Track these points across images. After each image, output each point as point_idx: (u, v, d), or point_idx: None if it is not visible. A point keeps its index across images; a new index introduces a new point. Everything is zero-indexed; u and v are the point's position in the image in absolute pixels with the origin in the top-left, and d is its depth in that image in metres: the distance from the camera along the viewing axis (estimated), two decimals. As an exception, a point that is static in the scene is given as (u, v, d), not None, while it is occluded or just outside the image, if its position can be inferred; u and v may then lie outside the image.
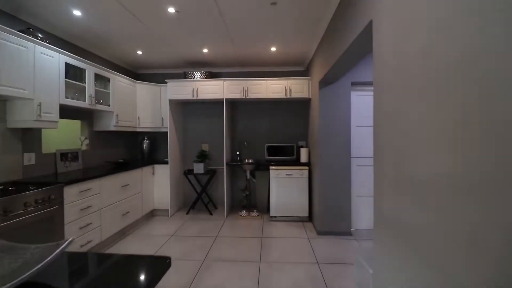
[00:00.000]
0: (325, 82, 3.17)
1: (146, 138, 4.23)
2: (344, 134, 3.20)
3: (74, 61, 2.80)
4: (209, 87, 3.91)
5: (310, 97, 3.83)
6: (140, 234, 3.34)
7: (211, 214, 4.10)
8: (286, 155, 4.08)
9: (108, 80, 3.42)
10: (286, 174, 3.72)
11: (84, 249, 2.55)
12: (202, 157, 4.20)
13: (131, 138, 4.37)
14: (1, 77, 2.05)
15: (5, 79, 2.08)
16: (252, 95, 3.86)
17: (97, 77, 3.25)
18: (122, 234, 3.24)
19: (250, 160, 4.35)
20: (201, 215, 4.06)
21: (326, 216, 3.23)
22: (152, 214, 4.08)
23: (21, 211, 1.91)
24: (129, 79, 3.85)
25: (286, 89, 3.83)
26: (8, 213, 1.82)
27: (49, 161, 2.84)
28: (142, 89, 4.09)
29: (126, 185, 3.29)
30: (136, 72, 4.62)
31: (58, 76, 2.58)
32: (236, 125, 4.49)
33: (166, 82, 3.96)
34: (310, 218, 3.77)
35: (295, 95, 3.83)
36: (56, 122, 2.57)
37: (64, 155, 3.00)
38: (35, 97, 2.33)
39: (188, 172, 4.10)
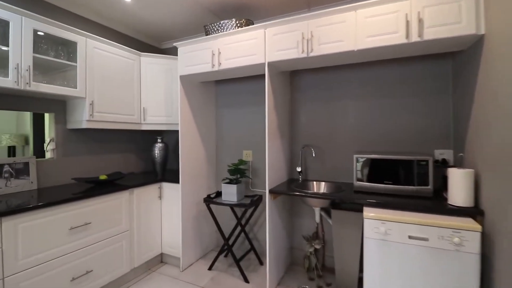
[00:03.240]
0: None
1: (159, 140, 2.80)
2: None
3: (-27, 1, 1.55)
4: (239, 45, 2.07)
5: (484, 32, 1.43)
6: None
7: (247, 280, 2.25)
8: (404, 180, 1.76)
9: (73, 45, 2.11)
10: (410, 237, 1.45)
11: None
12: (237, 172, 2.41)
13: (133, 140, 3.01)
14: None
15: None
16: (322, 48, 1.78)
17: (44, 38, 1.96)
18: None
19: (322, 187, 2.25)
20: (230, 278, 2.29)
21: None
22: (159, 260, 2.59)
23: None
24: (126, 49, 2.47)
25: (408, 22, 1.55)
26: None
27: (-46, 179, 1.70)
28: (151, 65, 2.67)
29: (86, 223, 1.87)
30: (161, 48, 3.30)
31: None
32: (296, 116, 2.48)
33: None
34: None
35: (433, 32, 1.50)
36: None
37: (-7, 169, 1.83)
38: None
39: (211, 199, 2.41)
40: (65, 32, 1.99)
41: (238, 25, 2.17)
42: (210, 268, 2.45)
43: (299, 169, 2.32)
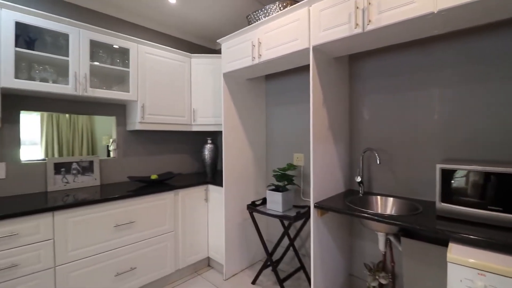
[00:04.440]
0: None
1: (209, 141, 2.75)
2: None
3: (41, 20, 1.76)
4: (280, 31, 1.76)
5: None
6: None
7: (289, 305, 1.93)
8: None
9: (127, 52, 2.23)
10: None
11: None
12: (283, 178, 2.11)
13: (187, 141, 3.01)
14: None
15: None
16: (385, 17, 1.29)
17: (100, 47, 2.13)
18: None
19: (389, 204, 1.71)
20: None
21: None
22: (207, 264, 2.54)
23: None
24: (176, 51, 2.50)
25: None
26: None
27: (36, 174, 2.00)
28: (200, 66, 2.64)
29: (131, 222, 1.94)
30: (215, 48, 3.27)
31: (-5, 43, 1.61)
32: (356, 113, 1.98)
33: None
34: None
35: None
36: (-7, 117, 1.61)
37: (64, 166, 2.10)
38: None
39: (256, 206, 2.18)
40: (118, 40, 2.12)
41: (281, 7, 1.86)
42: (253, 282, 2.22)
43: (358, 179, 1.84)
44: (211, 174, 2.73)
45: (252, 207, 2.16)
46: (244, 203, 2.42)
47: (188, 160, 2.99)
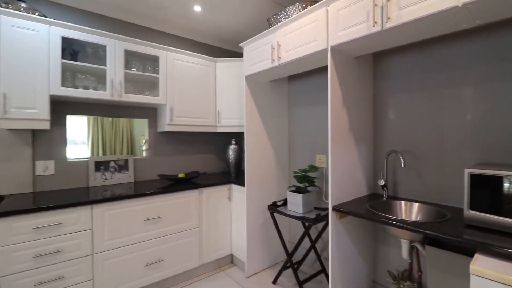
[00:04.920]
0: None
1: (233, 142, 2.83)
2: None
3: (83, 34, 1.98)
4: (298, 33, 1.76)
5: None
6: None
7: (308, 307, 1.92)
8: None
9: (157, 59, 2.39)
10: None
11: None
12: (304, 180, 2.10)
13: (213, 142, 3.12)
14: None
15: None
16: (405, 14, 1.22)
17: (133, 56, 2.32)
18: (149, 291, 2.09)
19: (414, 210, 1.62)
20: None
21: None
22: (230, 261, 2.62)
23: None
24: (201, 56, 2.62)
25: None
26: None
27: (79, 171, 2.25)
28: (225, 70, 2.73)
29: (159, 216, 2.09)
30: (239, 51, 3.34)
31: (47, 56, 1.84)
32: (381, 113, 1.89)
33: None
34: None
35: None
36: (45, 120, 1.84)
37: (103, 164, 2.33)
38: (0, 88, 1.70)
39: (276, 207, 2.20)
40: (149, 48, 2.30)
41: (301, 8, 1.86)
42: (274, 282, 2.25)
43: (381, 182, 1.76)
44: (234, 174, 2.81)
45: (273, 207, 2.18)
46: (266, 203, 2.46)
47: (214, 160, 3.11)
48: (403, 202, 1.66)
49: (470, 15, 1.15)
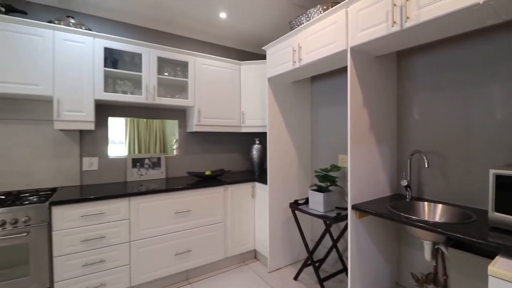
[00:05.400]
0: None
1: (257, 142, 2.93)
2: None
3: (121, 44, 2.20)
4: (319, 35, 1.80)
5: None
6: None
7: (328, 304, 1.95)
8: None
9: (186, 64, 2.57)
10: None
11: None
12: (326, 179, 2.14)
13: (238, 141, 3.24)
14: (10, 73, 1.83)
15: (15, 75, 1.84)
16: (425, 13, 1.22)
17: (165, 62, 2.52)
18: (179, 280, 2.26)
19: (438, 211, 1.58)
20: (310, 295, 2.06)
21: None
22: (253, 256, 2.72)
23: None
24: (227, 60, 2.76)
25: None
26: None
27: (119, 167, 2.50)
28: (249, 72, 2.83)
29: (188, 210, 2.25)
30: (263, 54, 3.43)
31: (92, 65, 2.09)
32: (405, 112, 1.85)
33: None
34: None
35: None
36: (91, 122, 2.09)
37: (139, 161, 2.56)
38: (54, 94, 1.97)
39: (298, 205, 2.26)
40: (179, 55, 2.48)
41: (322, 10, 1.90)
42: (295, 278, 2.31)
43: (404, 183, 1.74)
44: (258, 173, 2.91)
45: (294, 205, 2.24)
46: (288, 201, 2.52)
47: (238, 158, 3.24)
48: (426, 203, 1.63)
49: (494, 11, 1.12)
